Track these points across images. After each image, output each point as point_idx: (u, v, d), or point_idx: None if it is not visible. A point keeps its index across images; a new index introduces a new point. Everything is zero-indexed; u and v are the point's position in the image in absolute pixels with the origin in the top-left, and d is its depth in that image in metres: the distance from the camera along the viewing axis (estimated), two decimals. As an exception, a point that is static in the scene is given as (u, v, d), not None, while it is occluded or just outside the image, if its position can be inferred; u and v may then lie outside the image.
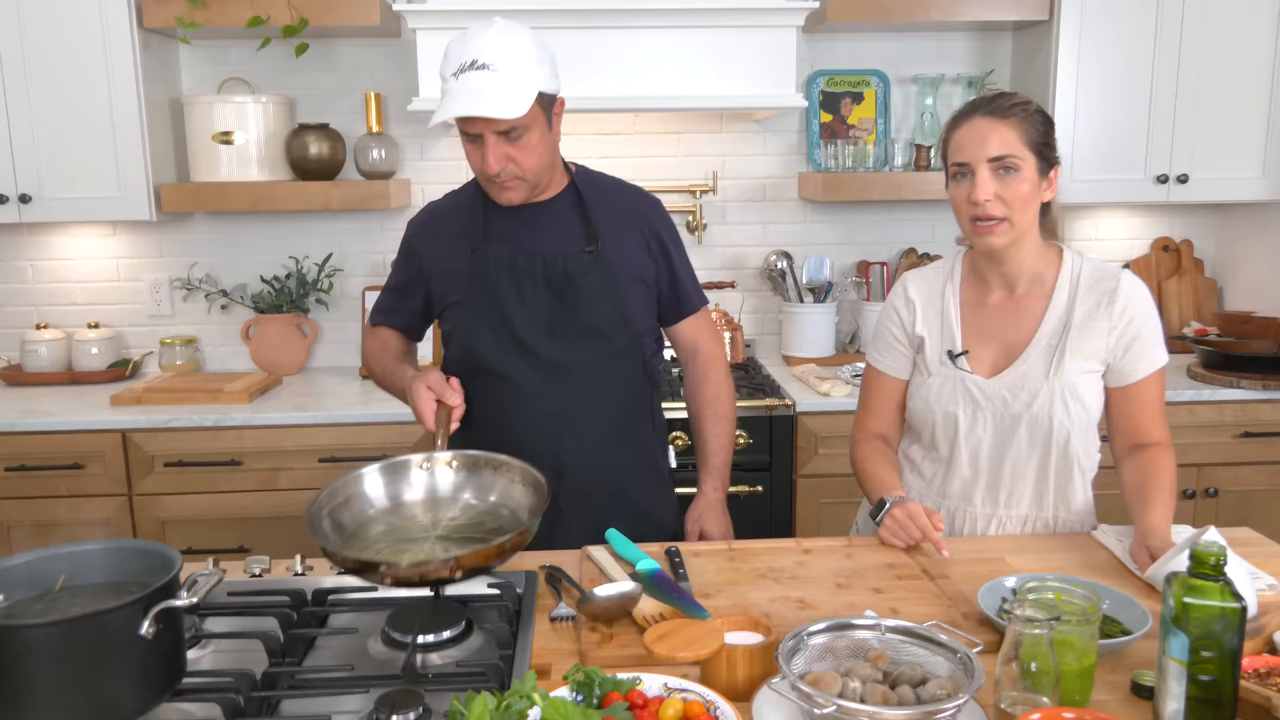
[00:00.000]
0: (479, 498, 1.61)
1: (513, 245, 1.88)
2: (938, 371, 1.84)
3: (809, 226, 3.38)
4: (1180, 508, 2.91)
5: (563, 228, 1.89)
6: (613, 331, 1.89)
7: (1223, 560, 1.13)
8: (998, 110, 1.71)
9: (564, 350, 1.86)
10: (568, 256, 1.86)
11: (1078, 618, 1.21)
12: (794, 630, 1.19)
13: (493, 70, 1.67)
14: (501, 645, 1.38)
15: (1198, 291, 3.40)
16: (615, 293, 1.88)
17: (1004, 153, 1.68)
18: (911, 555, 1.68)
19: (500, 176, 1.77)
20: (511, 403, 1.87)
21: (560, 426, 1.87)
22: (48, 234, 3.23)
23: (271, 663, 1.35)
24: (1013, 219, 1.70)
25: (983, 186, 1.68)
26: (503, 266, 1.87)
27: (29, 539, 2.75)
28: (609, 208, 1.93)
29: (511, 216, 1.88)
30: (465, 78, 1.68)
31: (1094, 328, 1.75)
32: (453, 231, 1.92)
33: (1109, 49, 2.98)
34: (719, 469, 2.02)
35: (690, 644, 1.24)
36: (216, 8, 2.86)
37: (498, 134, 1.72)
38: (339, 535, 1.51)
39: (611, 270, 1.88)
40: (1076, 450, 1.77)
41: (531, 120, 1.73)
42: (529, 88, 1.70)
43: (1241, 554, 1.67)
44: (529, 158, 1.77)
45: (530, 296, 1.86)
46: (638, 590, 1.44)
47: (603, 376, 1.90)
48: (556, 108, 1.83)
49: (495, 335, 1.87)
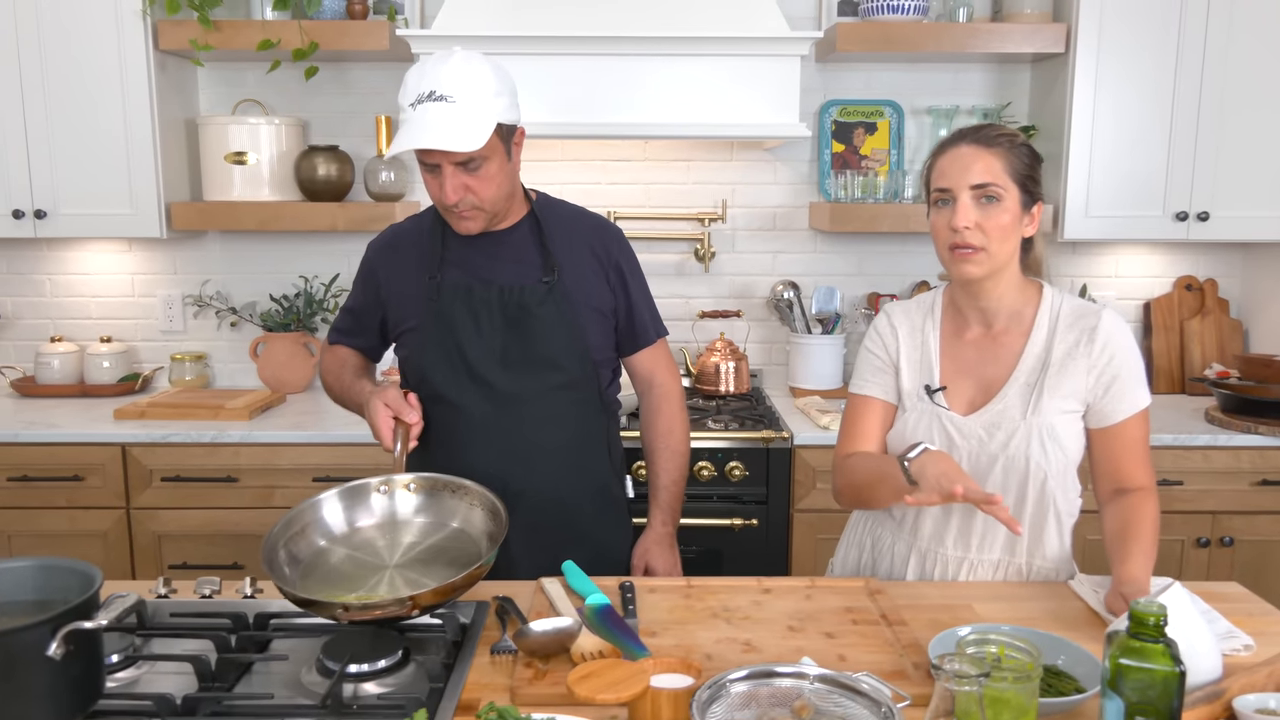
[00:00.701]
0: (439, 522, 1.60)
1: (470, 273, 1.87)
2: (914, 406, 1.79)
3: (819, 257, 3.34)
4: (1193, 557, 2.81)
5: (520, 257, 1.88)
6: (567, 362, 1.87)
7: (1163, 621, 1.08)
8: (983, 139, 1.68)
9: (518, 380, 1.85)
10: (524, 286, 1.86)
11: (1015, 674, 1.16)
12: (714, 677, 1.15)
13: (450, 102, 1.67)
14: (433, 678, 1.36)
15: (1221, 332, 3.30)
16: (571, 323, 1.86)
17: (987, 181, 1.64)
18: (872, 598, 1.63)
19: (458, 207, 1.77)
20: (464, 432, 1.86)
21: (513, 457, 1.86)
22: (66, 249, 3.29)
23: (201, 687, 1.34)
24: (991, 249, 1.66)
25: (963, 213, 1.65)
26: (458, 294, 1.86)
27: (29, 549, 2.78)
28: (568, 237, 1.92)
29: (469, 244, 1.87)
30: (423, 109, 1.68)
31: (1073, 366, 1.70)
32: (411, 257, 1.92)
33: (1127, 83, 2.91)
34: (669, 503, 1.99)
35: (613, 685, 1.21)
36: (230, 31, 2.90)
37: (455, 164, 1.72)
38: (295, 569, 1.49)
39: (568, 300, 1.87)
40: (1053, 493, 1.71)
41: (490, 151, 1.73)
42: (487, 119, 1.69)
43: (1225, 610, 1.61)
44: (487, 188, 1.76)
45: (485, 326, 1.85)
46: (575, 626, 1.41)
47: (557, 407, 1.88)
48: (516, 138, 1.83)
49: (449, 363, 1.86)
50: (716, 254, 3.31)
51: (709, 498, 2.76)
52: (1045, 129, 3.12)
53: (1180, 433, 2.78)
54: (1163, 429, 2.81)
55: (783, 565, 2.80)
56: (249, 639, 1.46)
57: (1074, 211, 2.98)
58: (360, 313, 2.02)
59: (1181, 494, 2.78)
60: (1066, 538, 1.76)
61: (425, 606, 1.38)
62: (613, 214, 3.25)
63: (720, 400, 3.12)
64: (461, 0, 2.76)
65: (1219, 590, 1.70)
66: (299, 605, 1.36)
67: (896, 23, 2.94)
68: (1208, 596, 1.65)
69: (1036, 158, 1.72)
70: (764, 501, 2.78)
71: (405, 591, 1.43)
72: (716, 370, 3.15)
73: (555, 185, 3.25)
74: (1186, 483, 2.77)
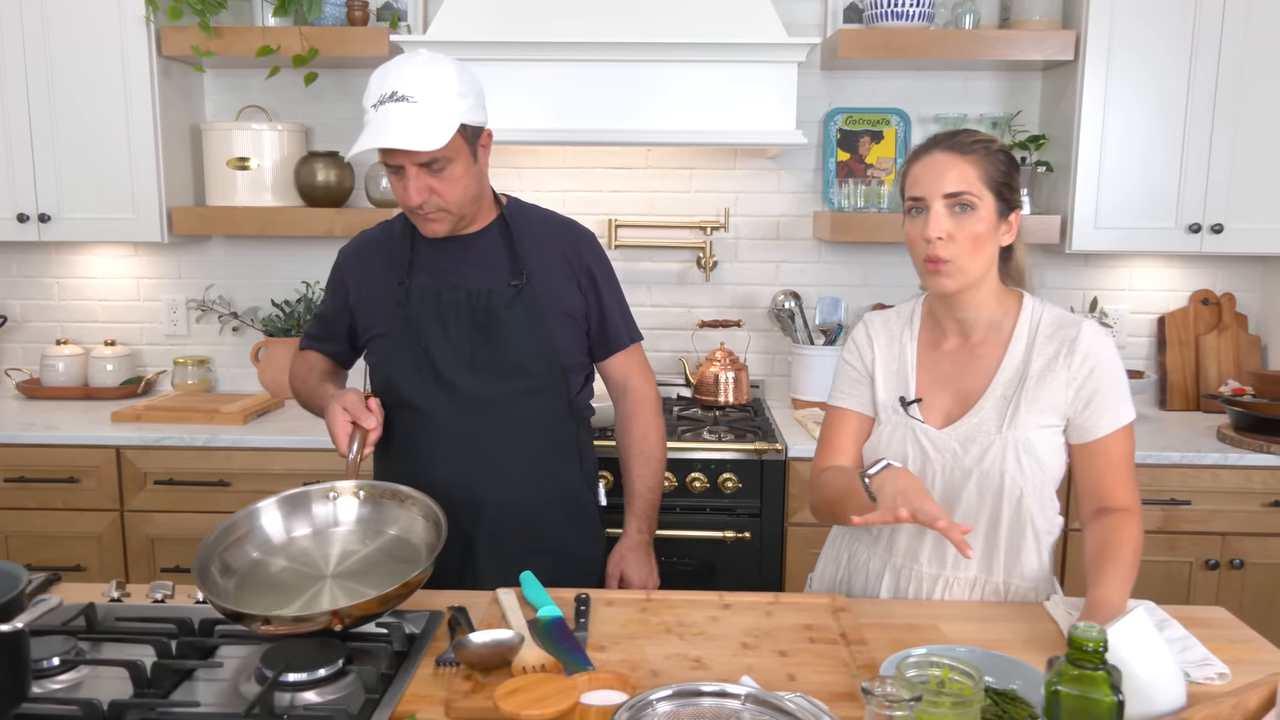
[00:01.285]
0: (380, 532, 1.57)
1: (438, 278, 1.85)
2: (888, 419, 1.74)
3: (824, 267, 3.29)
4: (1202, 580, 2.72)
5: (489, 261, 1.86)
6: (535, 366, 1.85)
7: (1103, 647, 1.03)
8: (957, 146, 1.63)
9: (485, 385, 1.83)
10: (492, 290, 1.84)
11: (953, 699, 1.11)
12: (636, 697, 1.12)
13: (412, 102, 1.65)
14: (369, 689, 1.33)
15: (1239, 348, 3.20)
16: (539, 327, 1.84)
17: (960, 189, 1.59)
18: (835, 616, 1.58)
19: (423, 208, 1.75)
20: (431, 437, 1.84)
21: (478, 462, 1.83)
22: (73, 253, 3.32)
23: (135, 693, 1.33)
24: (961, 261, 1.61)
25: (935, 223, 1.60)
26: (426, 299, 1.84)
27: (25, 549, 2.80)
28: (538, 240, 1.90)
29: (438, 249, 1.86)
30: (384, 109, 1.67)
31: (1052, 379, 1.64)
32: (380, 263, 1.91)
33: (1139, 91, 2.84)
34: (644, 510, 1.96)
35: (539, 701, 1.18)
36: (230, 37, 2.92)
37: (419, 166, 1.70)
38: (229, 579, 1.47)
39: (536, 304, 1.84)
40: (1030, 510, 1.65)
41: (454, 153, 1.71)
42: (449, 120, 1.68)
43: (1206, 635, 1.54)
44: (452, 190, 1.75)
45: (453, 330, 1.83)
46: (515, 638, 1.38)
47: (524, 412, 1.86)
48: (483, 140, 1.81)
49: (416, 368, 1.84)
50: (719, 263, 3.27)
51: (702, 509, 2.72)
52: (1055, 138, 3.05)
53: (1188, 450, 2.69)
54: (1171, 447, 2.73)
55: (776, 579, 2.75)
56: (192, 646, 1.44)
57: (1082, 222, 2.90)
58: (330, 319, 2.01)
59: (1189, 514, 2.69)
60: (1045, 556, 1.70)
61: (355, 619, 1.35)
62: (614, 222, 3.22)
63: (719, 411, 3.08)
64: (458, 6, 2.75)
65: (1202, 615, 1.64)
66: (226, 617, 1.34)
67: (900, 29, 2.89)
68: (1190, 621, 1.59)
69: (1014, 164, 1.67)
70: (757, 514, 2.73)
71: (344, 602, 1.40)
72: (716, 380, 3.10)
73: (557, 193, 3.25)
74: (1195, 502, 2.69)
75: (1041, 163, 3.06)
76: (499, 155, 3.24)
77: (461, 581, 1.78)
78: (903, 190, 1.70)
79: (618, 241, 3.23)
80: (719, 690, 1.13)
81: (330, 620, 1.29)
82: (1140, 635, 1.26)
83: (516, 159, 3.24)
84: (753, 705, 1.12)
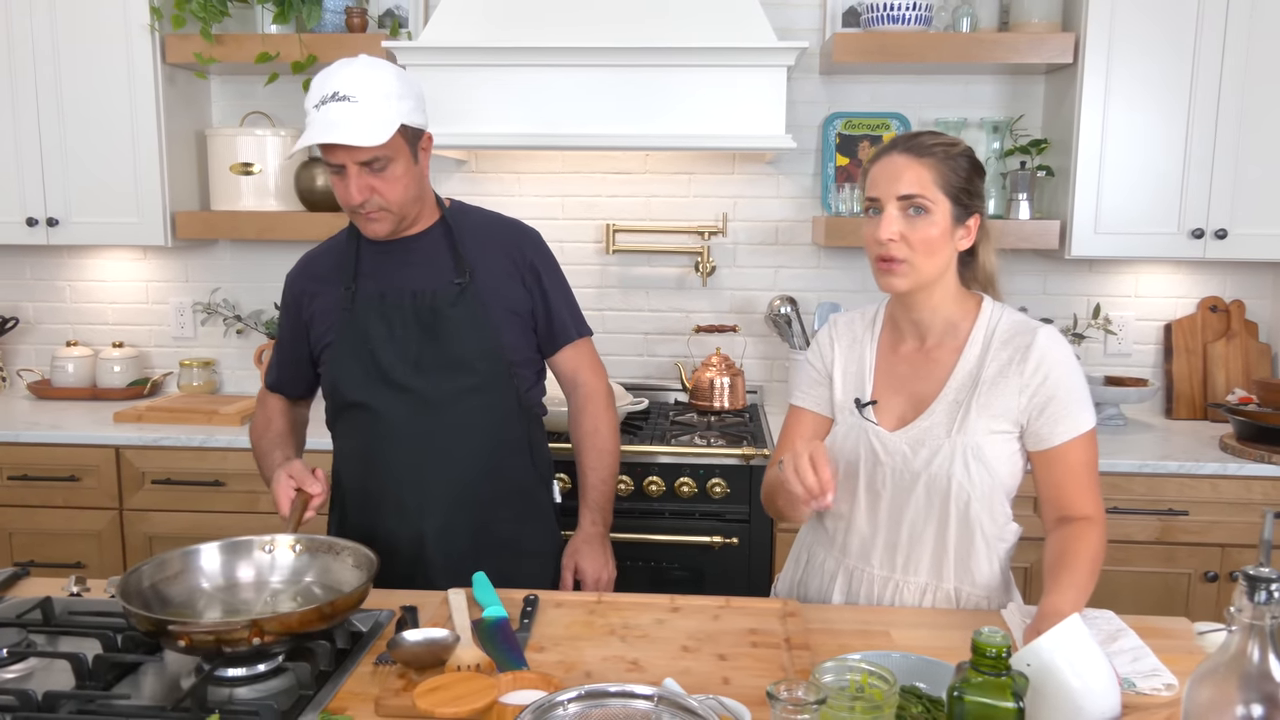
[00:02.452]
0: (317, 582, 1.58)
1: (382, 281, 1.88)
2: (844, 420, 1.75)
3: (823, 272, 3.27)
4: (1200, 592, 2.67)
5: (432, 261, 1.89)
6: (481, 364, 1.86)
7: (1005, 653, 1.01)
8: (916, 148, 1.63)
9: (431, 384, 1.85)
10: (436, 290, 1.86)
11: (865, 705, 1.10)
12: (542, 698, 1.12)
13: (353, 101, 1.69)
14: (303, 685, 1.35)
15: (1248, 357, 3.13)
16: (484, 324, 1.86)
17: (914, 192, 1.59)
18: (783, 621, 1.57)
19: (364, 207, 1.78)
20: (378, 436, 1.86)
21: (426, 460, 1.85)
22: (85, 256, 3.39)
23: (76, 685, 1.35)
24: (915, 262, 1.60)
25: (887, 224, 1.60)
26: (371, 303, 1.87)
27: (27, 546, 2.86)
28: (481, 240, 1.92)
29: (382, 253, 1.89)
30: (326, 109, 1.70)
31: (1005, 385, 1.63)
32: (328, 274, 1.94)
33: (1140, 94, 2.79)
34: (598, 503, 1.97)
35: (456, 700, 1.18)
36: (232, 44, 2.97)
37: (360, 164, 1.73)
38: (162, 608, 1.48)
39: (479, 302, 1.86)
40: (978, 516, 1.63)
41: (394, 152, 1.75)
42: (390, 119, 1.71)
43: (1166, 646, 1.51)
44: (393, 189, 1.77)
45: (399, 331, 1.85)
46: (450, 637, 1.38)
47: (471, 410, 1.87)
48: (423, 142, 1.84)
49: (363, 369, 1.87)
50: (717, 268, 3.26)
51: (690, 515, 2.71)
52: (1058, 142, 3.01)
53: (1186, 460, 2.64)
54: (1170, 456, 2.68)
55: (764, 584, 2.73)
56: (137, 640, 1.46)
57: (1082, 227, 2.86)
58: (286, 345, 2.03)
59: (1188, 525, 2.64)
60: (998, 564, 1.68)
61: (272, 636, 1.33)
62: (612, 227, 3.23)
63: (714, 416, 3.07)
64: (450, 13, 2.78)
65: (1163, 625, 1.61)
66: (147, 632, 1.34)
67: (895, 33, 2.87)
68: (1149, 631, 1.56)
69: (976, 168, 1.66)
70: (746, 520, 2.72)
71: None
72: (711, 385, 3.10)
73: (555, 198, 3.27)
74: (1192, 513, 2.63)
75: (1042, 167, 3.02)
76: (496, 160, 3.26)
77: (413, 580, 1.80)
78: (864, 190, 1.69)
79: (616, 246, 3.24)
80: (625, 691, 1.13)
81: (249, 634, 1.29)
82: (1074, 643, 1.24)
83: (515, 164, 3.26)
84: (663, 706, 1.12)
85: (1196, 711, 0.92)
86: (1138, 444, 2.80)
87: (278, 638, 1.33)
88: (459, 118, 2.76)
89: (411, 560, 1.84)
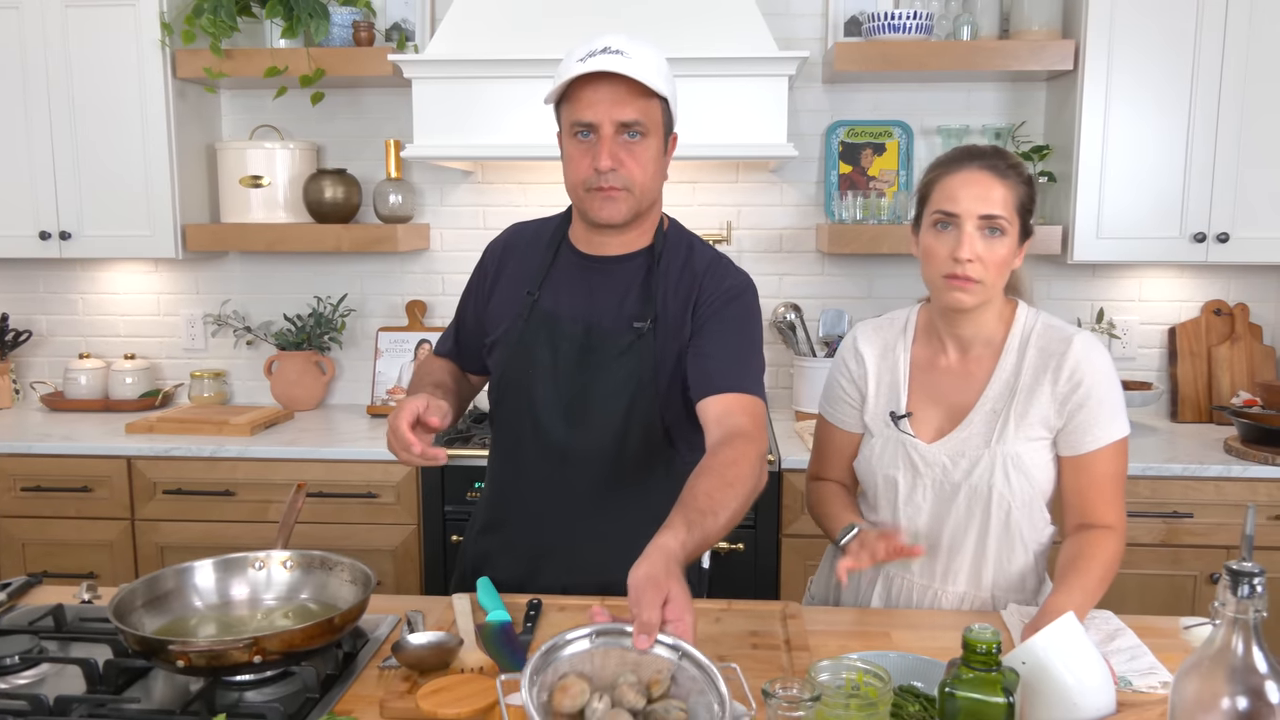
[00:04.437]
0: (313, 599, 1.58)
1: (563, 300, 1.72)
2: (880, 432, 1.75)
3: (828, 279, 3.29)
4: (1206, 594, 2.67)
5: (624, 292, 1.71)
6: (630, 420, 1.69)
7: (995, 649, 1.03)
8: (998, 168, 1.60)
9: (575, 434, 1.71)
10: (610, 329, 1.69)
11: (859, 702, 1.12)
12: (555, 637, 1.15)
13: (626, 56, 1.54)
14: (309, 689, 1.37)
15: (1253, 360, 3.14)
16: (648, 380, 1.67)
17: (999, 213, 1.58)
18: (784, 623, 1.59)
19: (607, 180, 1.59)
20: (519, 461, 1.77)
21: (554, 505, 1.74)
22: (97, 269, 3.44)
23: (87, 690, 1.38)
24: (988, 282, 1.60)
25: (969, 243, 1.58)
26: (543, 322, 1.72)
27: (40, 557, 2.90)
28: (678, 275, 1.71)
29: (580, 265, 1.74)
30: (596, 59, 1.54)
31: (1040, 393, 1.63)
32: (521, 260, 1.79)
33: (1140, 99, 2.81)
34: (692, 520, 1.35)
35: (458, 700, 1.21)
36: (242, 59, 3.01)
37: (618, 126, 1.57)
38: (153, 621, 1.48)
39: (651, 353, 1.67)
40: (1019, 524, 1.65)
41: (654, 125, 1.60)
42: (660, 82, 1.58)
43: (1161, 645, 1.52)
44: (643, 167, 1.61)
45: (562, 364, 1.70)
46: (453, 640, 1.40)
47: (611, 473, 1.71)
48: (672, 141, 1.69)
49: (517, 391, 1.74)
50: (722, 276, 3.28)
51: (696, 521, 2.72)
52: (1060, 148, 3.03)
53: (1191, 462, 2.65)
54: (1175, 459, 2.69)
55: (771, 590, 2.75)
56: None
57: (1084, 233, 2.87)
58: (469, 318, 1.86)
59: (1192, 527, 2.65)
60: (1034, 564, 1.70)
61: (277, 653, 1.33)
62: (617, 236, 3.25)
63: (720, 423, 3.08)
64: (455, 26, 2.81)
65: (1158, 625, 1.61)
66: (142, 653, 1.35)
67: (896, 42, 2.89)
68: (1146, 630, 1.57)
69: (1034, 189, 1.67)
70: (752, 525, 2.74)
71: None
72: (716, 393, 3.11)
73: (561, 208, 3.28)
74: (1197, 515, 2.64)
75: (1045, 173, 3.04)
76: (503, 171, 3.30)
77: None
78: (923, 198, 1.67)
79: (621, 255, 3.26)
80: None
81: (249, 652, 1.29)
82: (1068, 641, 1.25)
83: (521, 175, 3.29)
84: (691, 664, 1.15)
85: (1183, 705, 0.94)
86: (1143, 447, 2.81)
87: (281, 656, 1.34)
88: (465, 129, 2.79)
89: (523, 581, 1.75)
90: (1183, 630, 1.58)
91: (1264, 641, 0.92)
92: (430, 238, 3.35)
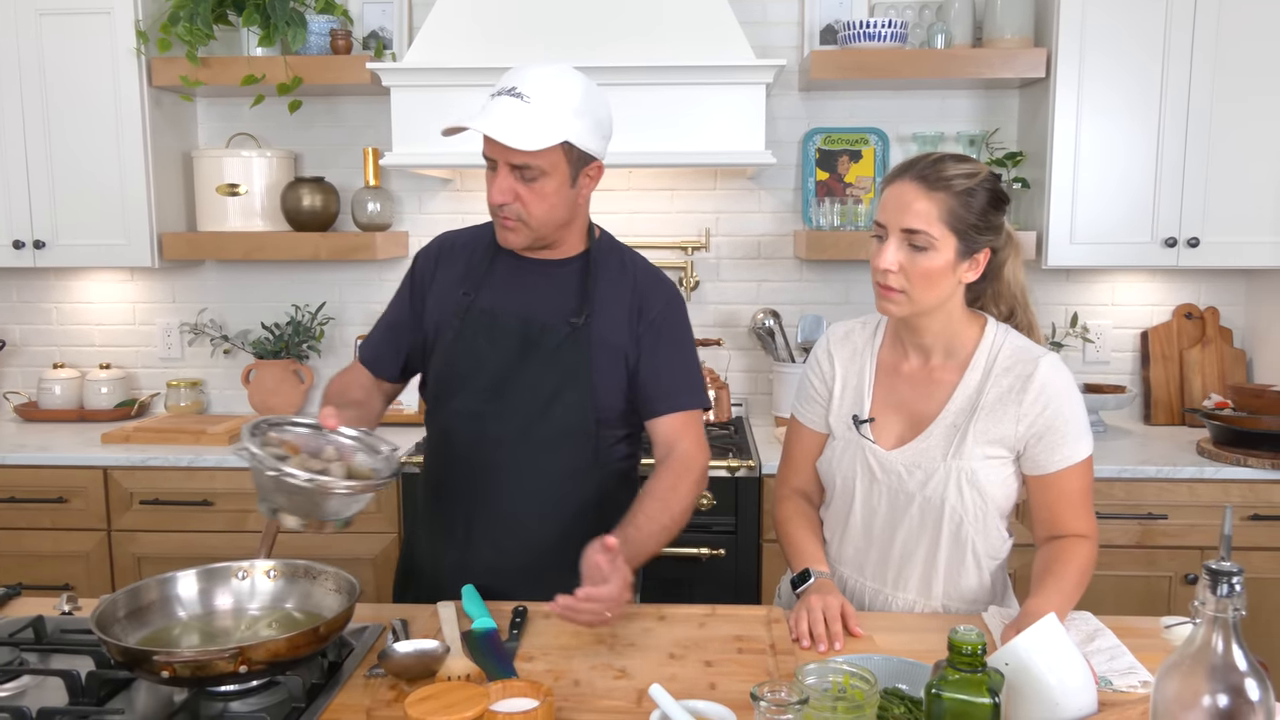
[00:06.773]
0: (298, 608, 1.57)
1: (500, 299, 1.79)
2: (842, 435, 1.76)
3: (805, 285, 3.31)
4: (1181, 594, 2.71)
5: (559, 293, 1.78)
6: (566, 411, 1.77)
7: (980, 650, 1.04)
8: (929, 179, 1.57)
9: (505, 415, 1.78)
10: (547, 324, 1.76)
11: (847, 704, 1.13)
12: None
13: (525, 101, 1.60)
14: (294, 698, 1.37)
15: (1223, 363, 3.19)
16: (582, 374, 1.75)
17: (919, 227, 1.56)
18: (768, 628, 1.60)
19: (503, 211, 1.68)
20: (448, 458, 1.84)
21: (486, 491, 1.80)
22: (71, 278, 3.41)
23: (70, 702, 1.37)
24: (911, 293, 1.60)
25: (886, 255, 1.58)
26: (481, 319, 1.78)
27: (14, 569, 2.86)
28: (614, 280, 1.80)
29: (516, 268, 1.80)
30: (498, 100, 1.62)
31: (1003, 414, 1.63)
32: (459, 265, 1.85)
33: (1111, 106, 2.85)
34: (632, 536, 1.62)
35: (448, 708, 1.20)
36: (218, 67, 3.00)
37: (511, 166, 1.64)
38: (137, 631, 1.47)
39: (586, 347, 1.76)
40: (970, 537, 1.66)
41: (550, 166, 1.65)
42: (554, 131, 1.61)
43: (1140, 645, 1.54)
44: (538, 204, 1.67)
45: (500, 356, 1.77)
46: (439, 648, 1.40)
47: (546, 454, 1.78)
48: (590, 169, 1.72)
49: (452, 383, 1.80)
50: (700, 283, 3.30)
51: (677, 527, 2.73)
52: (1033, 154, 3.06)
53: (1165, 465, 2.69)
54: (1149, 461, 2.73)
55: (752, 595, 2.76)
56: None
57: (1058, 238, 2.91)
58: (392, 322, 1.91)
59: (1166, 528, 2.68)
60: (987, 578, 1.71)
61: (259, 664, 1.32)
62: (596, 243, 3.26)
63: (700, 429, 3.10)
64: (433, 34, 2.81)
65: (1137, 625, 1.64)
66: (125, 664, 1.33)
67: (872, 50, 2.92)
68: (1125, 631, 1.59)
69: (995, 201, 1.60)
70: (733, 531, 2.75)
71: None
72: (696, 399, 3.12)
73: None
74: (1171, 516, 2.68)
75: (1018, 179, 3.08)
76: (481, 179, 3.27)
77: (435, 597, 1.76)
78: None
79: (600, 262, 3.27)
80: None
81: (235, 662, 1.28)
82: (1050, 642, 1.27)
83: (499, 182, 3.29)
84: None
85: (1165, 703, 0.95)
86: (1117, 450, 2.85)
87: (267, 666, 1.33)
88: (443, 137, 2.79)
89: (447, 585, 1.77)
90: (1164, 630, 1.60)
91: (1243, 640, 0.94)
92: (409, 245, 3.34)
